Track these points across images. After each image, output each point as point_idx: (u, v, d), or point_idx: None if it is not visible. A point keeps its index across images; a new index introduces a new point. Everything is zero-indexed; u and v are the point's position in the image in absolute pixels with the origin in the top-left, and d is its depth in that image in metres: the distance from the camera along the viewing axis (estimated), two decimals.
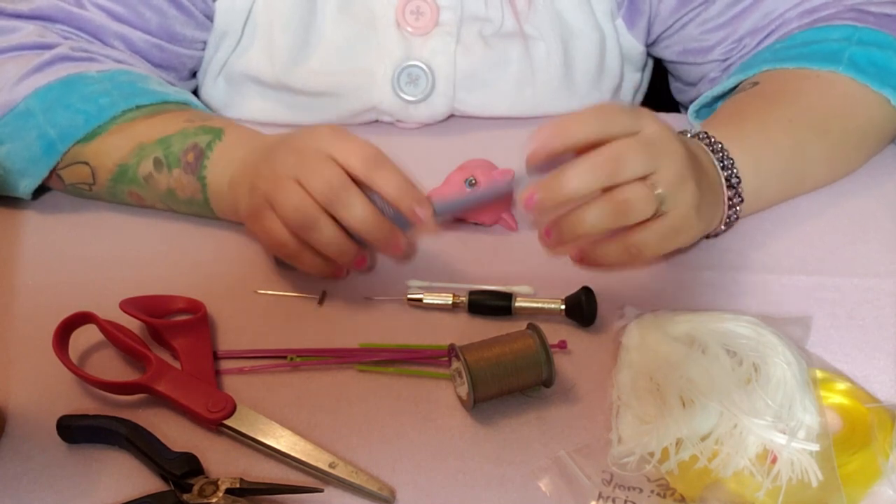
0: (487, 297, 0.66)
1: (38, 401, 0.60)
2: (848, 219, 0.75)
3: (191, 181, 0.72)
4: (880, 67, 0.75)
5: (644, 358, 0.60)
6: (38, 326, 0.62)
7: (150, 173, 0.73)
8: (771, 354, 0.59)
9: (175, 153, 0.72)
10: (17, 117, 0.73)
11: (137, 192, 0.74)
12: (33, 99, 0.72)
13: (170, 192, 0.73)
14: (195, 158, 0.71)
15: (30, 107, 0.73)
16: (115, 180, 0.74)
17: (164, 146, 0.72)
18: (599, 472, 0.54)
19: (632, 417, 0.57)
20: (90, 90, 0.73)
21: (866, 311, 0.66)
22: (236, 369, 0.62)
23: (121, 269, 0.72)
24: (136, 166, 0.73)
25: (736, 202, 0.69)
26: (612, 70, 0.88)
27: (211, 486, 0.52)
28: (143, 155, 0.73)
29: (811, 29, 0.79)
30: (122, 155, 0.73)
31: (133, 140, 0.73)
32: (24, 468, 0.56)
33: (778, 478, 0.53)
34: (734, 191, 0.69)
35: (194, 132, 0.73)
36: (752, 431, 0.54)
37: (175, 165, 0.72)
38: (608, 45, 0.86)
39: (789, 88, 0.76)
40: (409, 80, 0.83)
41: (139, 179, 0.73)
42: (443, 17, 0.82)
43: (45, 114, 0.72)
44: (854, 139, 0.78)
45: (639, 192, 0.60)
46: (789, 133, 0.74)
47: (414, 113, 0.86)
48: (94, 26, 0.78)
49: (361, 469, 0.54)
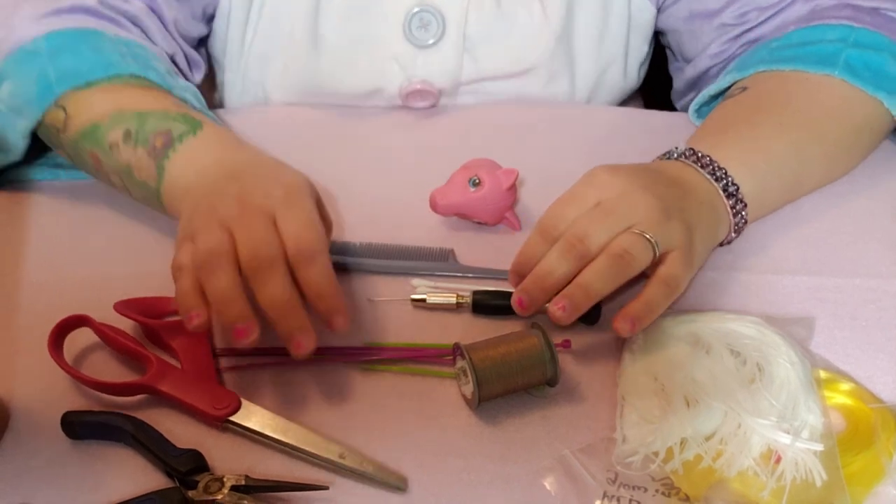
0: (491, 297, 0.66)
1: (43, 397, 0.60)
2: (851, 219, 0.75)
3: (150, 165, 0.69)
4: (875, 71, 0.76)
5: (648, 358, 0.61)
6: (42, 322, 0.62)
7: (117, 142, 0.70)
8: (775, 354, 0.59)
9: (147, 132, 0.70)
10: (25, 55, 0.73)
11: (98, 156, 0.72)
12: (44, 40, 0.73)
13: (127, 168, 0.71)
14: (163, 145, 0.69)
15: (38, 47, 0.73)
16: (83, 136, 0.72)
17: (139, 120, 0.70)
18: (604, 472, 0.54)
19: (636, 417, 0.57)
20: (103, 45, 0.74)
21: (869, 311, 0.66)
22: (239, 367, 0.62)
23: (124, 265, 0.72)
24: (107, 130, 0.71)
25: (740, 208, 0.69)
26: (617, 35, 0.89)
27: (216, 483, 0.52)
28: (117, 121, 0.71)
29: (808, 28, 0.79)
30: (99, 114, 0.72)
31: (114, 103, 0.72)
32: (28, 464, 0.55)
33: (782, 478, 0.53)
34: (735, 198, 0.69)
35: (174, 117, 0.71)
36: (756, 431, 0.54)
37: (142, 144, 0.70)
38: (616, 8, 0.88)
39: (780, 92, 0.77)
40: (421, 25, 0.85)
41: (104, 144, 0.71)
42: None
43: (51, 56, 0.72)
44: (849, 140, 0.78)
45: (627, 239, 0.60)
46: (780, 136, 0.74)
47: (423, 66, 0.86)
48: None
49: (371, 459, 0.54)
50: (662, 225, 0.61)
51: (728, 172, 0.69)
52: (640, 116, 0.93)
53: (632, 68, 0.93)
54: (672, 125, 0.88)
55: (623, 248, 0.60)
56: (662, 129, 0.87)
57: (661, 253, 0.61)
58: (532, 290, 0.61)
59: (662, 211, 0.62)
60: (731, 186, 0.69)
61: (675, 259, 0.62)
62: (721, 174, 0.69)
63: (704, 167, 0.69)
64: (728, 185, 0.69)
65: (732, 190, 0.69)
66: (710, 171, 0.69)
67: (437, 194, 0.73)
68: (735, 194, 0.69)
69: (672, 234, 0.62)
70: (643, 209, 0.61)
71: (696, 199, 0.67)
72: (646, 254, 0.60)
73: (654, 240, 0.60)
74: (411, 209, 0.76)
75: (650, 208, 0.61)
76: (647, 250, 0.60)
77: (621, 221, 0.61)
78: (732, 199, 0.69)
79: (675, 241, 0.62)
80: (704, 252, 0.67)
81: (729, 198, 0.69)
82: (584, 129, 0.88)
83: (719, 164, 0.69)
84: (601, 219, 0.61)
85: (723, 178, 0.69)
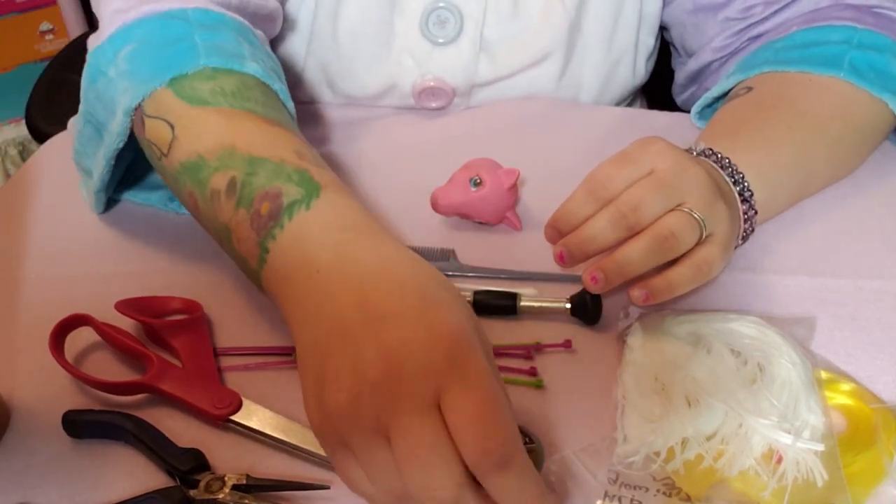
0: (492, 297, 0.66)
1: (44, 396, 0.60)
2: (852, 220, 0.75)
3: (251, 239, 0.55)
4: (879, 72, 0.76)
5: (649, 357, 0.61)
6: (43, 320, 0.62)
7: (219, 192, 0.57)
8: (776, 355, 0.59)
9: (254, 188, 0.56)
10: (167, 17, 0.65)
11: (196, 199, 0.60)
12: (195, 13, 0.66)
13: (226, 230, 0.58)
14: (269, 215, 0.54)
15: (188, 15, 0.66)
16: (185, 169, 0.60)
17: (248, 169, 0.57)
18: (605, 471, 0.54)
19: (637, 417, 0.57)
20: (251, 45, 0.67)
21: (870, 312, 0.66)
22: (240, 366, 0.62)
23: (126, 264, 0.72)
24: (213, 171, 0.58)
25: (751, 215, 0.68)
26: (629, 26, 0.88)
27: (217, 482, 0.52)
28: (225, 163, 0.58)
29: (811, 28, 0.79)
30: (209, 146, 0.59)
31: (228, 135, 0.59)
32: (28, 463, 0.56)
33: (783, 478, 0.53)
34: (748, 204, 0.68)
35: (289, 174, 0.56)
36: (757, 431, 0.54)
37: (245, 205, 0.56)
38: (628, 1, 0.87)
39: (786, 94, 0.77)
40: (438, 22, 0.84)
41: (206, 188, 0.58)
42: None
43: (201, 29, 0.65)
44: (853, 140, 0.78)
45: (677, 220, 0.59)
46: (789, 139, 0.74)
47: (438, 63, 0.86)
48: None
49: None
50: (712, 205, 0.60)
51: (745, 178, 0.68)
52: (642, 117, 0.93)
53: (640, 63, 0.93)
54: (674, 125, 0.88)
55: (670, 230, 0.59)
56: (664, 130, 0.86)
57: (707, 232, 0.60)
58: (574, 251, 0.61)
59: (714, 189, 0.61)
60: (746, 192, 0.68)
61: (715, 243, 0.61)
62: (739, 178, 0.68)
63: (724, 168, 0.68)
64: (744, 191, 0.68)
65: (747, 195, 0.68)
66: (729, 173, 0.68)
67: (438, 194, 0.73)
68: (749, 200, 0.68)
69: (718, 216, 0.61)
70: (697, 184, 0.60)
71: (725, 193, 0.65)
72: (692, 236, 0.59)
73: (703, 220, 0.59)
74: (412, 209, 0.76)
75: (703, 185, 0.60)
76: (693, 233, 0.59)
77: (675, 195, 0.60)
78: (746, 205, 0.68)
79: (720, 224, 0.61)
80: (735, 244, 0.65)
81: (744, 203, 0.68)
82: (584, 129, 0.88)
83: (737, 167, 0.68)
84: (656, 189, 0.60)
85: (740, 183, 0.68)
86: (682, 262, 0.61)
